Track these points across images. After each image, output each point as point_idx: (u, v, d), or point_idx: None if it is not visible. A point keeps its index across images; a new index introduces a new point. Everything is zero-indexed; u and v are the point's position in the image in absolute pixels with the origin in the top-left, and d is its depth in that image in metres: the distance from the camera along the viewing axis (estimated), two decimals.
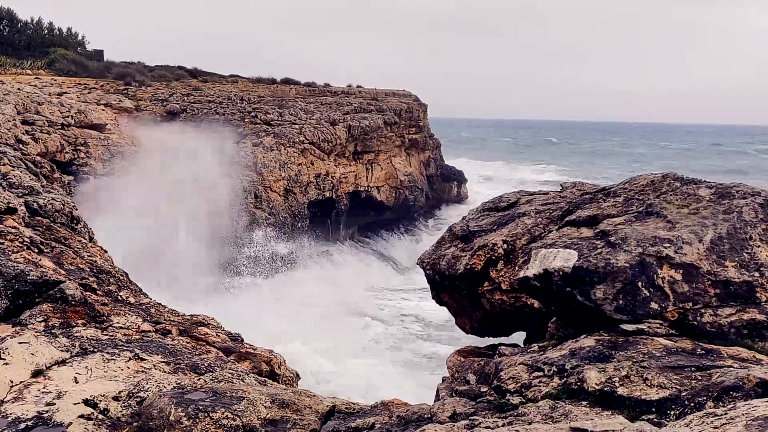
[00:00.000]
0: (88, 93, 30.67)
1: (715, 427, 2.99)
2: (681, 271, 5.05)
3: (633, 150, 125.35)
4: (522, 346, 6.44)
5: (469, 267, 6.68)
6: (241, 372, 5.45)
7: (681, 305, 5.03)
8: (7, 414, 4.11)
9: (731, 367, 4.28)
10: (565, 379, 4.53)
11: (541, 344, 5.56)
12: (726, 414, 3.14)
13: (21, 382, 4.54)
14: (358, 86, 45.26)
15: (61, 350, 5.07)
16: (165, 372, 5.06)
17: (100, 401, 4.39)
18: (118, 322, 5.98)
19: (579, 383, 4.36)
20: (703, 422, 3.14)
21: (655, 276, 5.03)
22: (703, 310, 5.02)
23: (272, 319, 20.72)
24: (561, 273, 5.37)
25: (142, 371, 5.01)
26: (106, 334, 5.65)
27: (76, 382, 4.65)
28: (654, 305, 5.01)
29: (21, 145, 13.80)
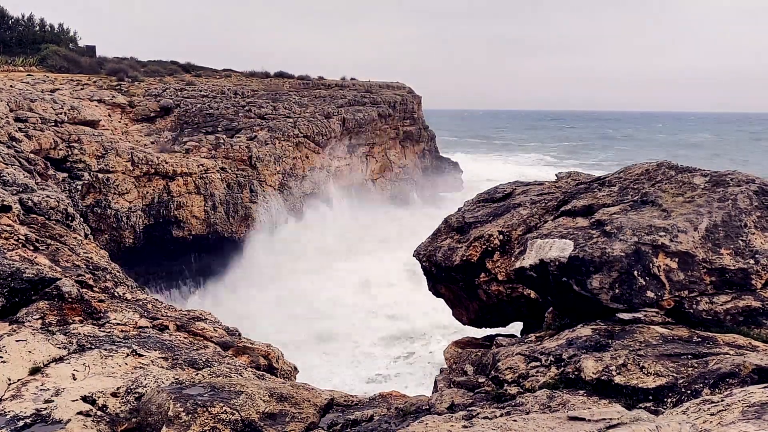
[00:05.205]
0: (81, 89, 30.48)
1: (711, 414, 3.00)
2: (677, 260, 5.06)
3: None
4: (519, 336, 6.46)
5: (465, 258, 6.69)
6: (239, 366, 5.45)
7: (677, 293, 5.04)
8: (5, 412, 4.11)
9: (727, 354, 4.29)
10: (562, 368, 4.55)
11: (537, 334, 5.57)
12: (722, 401, 3.16)
13: (19, 380, 4.53)
14: (351, 79, 45.09)
15: (59, 347, 5.06)
16: (163, 367, 5.05)
17: (99, 398, 4.39)
18: (115, 319, 5.97)
19: (576, 372, 4.37)
20: (700, 409, 3.16)
21: (650, 265, 5.04)
22: (698, 298, 5.03)
23: None
24: (557, 263, 5.38)
25: (140, 367, 5.00)
26: (104, 331, 5.64)
27: (74, 379, 4.65)
28: (650, 294, 5.02)
29: (14, 143, 13.73)
